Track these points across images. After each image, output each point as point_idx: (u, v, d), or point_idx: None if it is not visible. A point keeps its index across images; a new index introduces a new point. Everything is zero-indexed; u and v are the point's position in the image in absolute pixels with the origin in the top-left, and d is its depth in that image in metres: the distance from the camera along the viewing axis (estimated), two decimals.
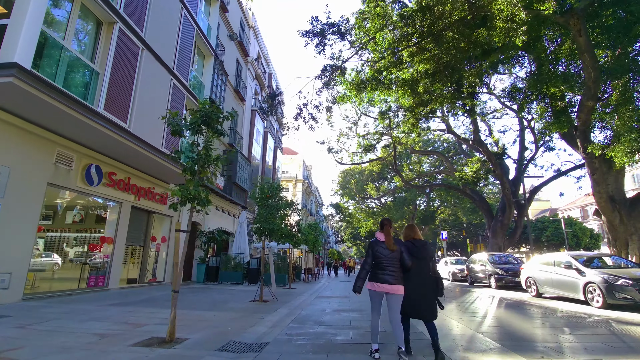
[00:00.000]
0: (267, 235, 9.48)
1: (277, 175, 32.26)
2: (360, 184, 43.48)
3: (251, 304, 8.56)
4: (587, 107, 10.44)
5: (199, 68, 14.42)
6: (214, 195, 17.19)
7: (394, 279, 3.76)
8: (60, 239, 10.83)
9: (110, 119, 8.04)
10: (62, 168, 8.37)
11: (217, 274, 15.30)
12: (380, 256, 3.85)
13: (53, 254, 10.54)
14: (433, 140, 37.54)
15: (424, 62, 10.43)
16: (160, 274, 13.07)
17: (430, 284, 3.88)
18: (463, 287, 14.66)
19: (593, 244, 41.94)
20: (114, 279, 10.25)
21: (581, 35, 8.95)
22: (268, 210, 9.53)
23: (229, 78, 19.98)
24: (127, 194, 10.70)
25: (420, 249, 3.96)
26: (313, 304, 8.91)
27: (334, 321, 6.34)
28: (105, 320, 5.73)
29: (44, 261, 10.19)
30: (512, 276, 12.61)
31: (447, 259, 21.23)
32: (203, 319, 6.13)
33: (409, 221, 47.32)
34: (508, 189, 24.12)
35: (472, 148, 30.83)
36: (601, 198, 12.35)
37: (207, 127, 5.23)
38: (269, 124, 29.55)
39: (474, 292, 12.50)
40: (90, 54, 8.20)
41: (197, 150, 5.06)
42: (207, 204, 5.13)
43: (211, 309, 7.35)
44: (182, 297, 9.42)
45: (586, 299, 8.29)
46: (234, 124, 20.96)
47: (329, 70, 11.57)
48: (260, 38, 27.27)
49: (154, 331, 4.99)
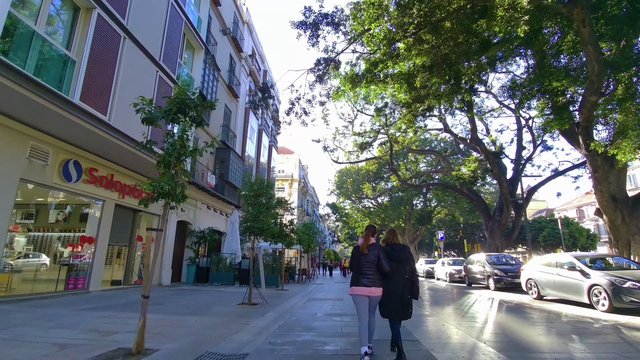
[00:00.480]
0: (257, 234, 9.01)
1: (273, 175, 31.77)
2: (356, 184, 43.08)
3: (239, 307, 8.09)
4: (590, 102, 10.05)
5: (188, 62, 13.92)
6: (205, 194, 16.70)
7: (371, 282, 3.90)
8: (41, 238, 10.29)
9: (87, 111, 7.54)
10: (37, 163, 7.85)
11: (207, 275, 14.81)
12: (359, 260, 4.04)
13: (41, 255, 9.99)
14: (430, 140, 37.24)
15: (421, 54, 10.00)
16: None
17: (407, 286, 4.00)
18: (461, 289, 14.27)
19: (589, 244, 42.02)
20: (95, 280, 9.73)
21: (585, 26, 8.55)
22: (258, 209, 9.06)
23: (222, 74, 19.49)
24: (111, 191, 10.19)
25: (398, 252, 4.09)
26: (304, 308, 8.45)
27: (324, 327, 5.89)
28: (74, 328, 5.24)
29: (29, 262, 9.64)
30: (511, 277, 12.22)
31: (445, 260, 20.85)
32: (182, 325, 5.65)
33: (405, 221, 47.04)
34: (506, 188, 23.79)
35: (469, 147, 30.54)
36: (603, 197, 11.99)
37: (184, 116, 4.76)
38: (264, 122, 29.06)
39: (472, 293, 12.10)
40: (67, 41, 7.68)
41: (172, 141, 4.58)
42: (183, 200, 4.67)
43: (194, 313, 6.87)
44: (166, 299, 8.92)
45: (591, 302, 7.89)
46: (227, 120, 20.47)
47: (322, 64, 11.12)
48: (255, 34, 26.76)
49: (123, 341, 4.52)
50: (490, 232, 24.98)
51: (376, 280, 3.92)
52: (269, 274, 14.54)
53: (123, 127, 8.72)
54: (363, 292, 3.91)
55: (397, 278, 3.98)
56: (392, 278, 3.98)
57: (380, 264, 3.92)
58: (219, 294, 10.88)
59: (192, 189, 15.33)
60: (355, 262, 4.09)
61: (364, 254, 4.01)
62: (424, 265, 24.73)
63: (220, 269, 14.71)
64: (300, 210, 48.00)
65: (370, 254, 3.98)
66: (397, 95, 11.22)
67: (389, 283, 3.98)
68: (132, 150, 9.43)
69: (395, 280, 3.97)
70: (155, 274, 12.84)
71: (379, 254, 3.97)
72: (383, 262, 3.92)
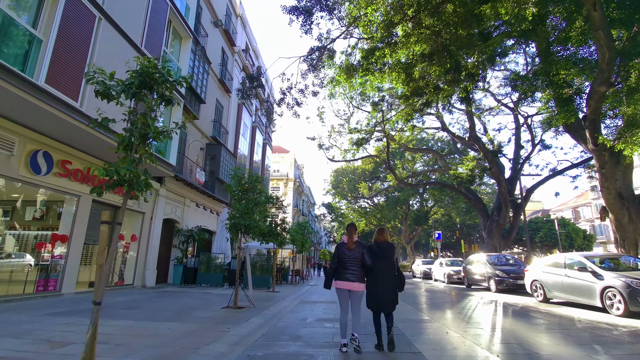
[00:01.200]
0: (244, 232, 8.34)
1: (267, 173, 31.05)
2: (352, 183, 42.45)
3: (223, 311, 7.41)
4: (598, 93, 9.50)
5: (175, 51, 13.20)
6: (194, 191, 15.98)
7: (355, 277, 4.16)
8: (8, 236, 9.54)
9: (54, 95, 6.83)
10: (1, 153, 7.13)
11: (195, 276, 14.10)
12: (343, 256, 4.28)
13: (25, 255, 9.23)
14: (427, 139, 36.78)
15: (421, 41, 9.39)
16: (129, 276, 11.81)
17: (394, 281, 4.25)
18: (460, 290, 13.67)
19: (586, 245, 42.08)
20: (68, 282, 9.00)
21: (596, 10, 7.98)
22: (245, 205, 8.38)
23: (214, 68, 18.79)
24: (87, 186, 9.46)
25: (384, 250, 4.33)
26: (294, 312, 7.79)
27: (313, 335, 5.24)
28: (25, 337, 4.54)
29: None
30: (513, 279, 11.63)
31: (442, 260, 20.25)
32: (152, 334, 4.97)
33: (402, 222, 46.53)
34: (504, 187, 23.30)
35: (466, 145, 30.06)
36: (609, 194, 11.46)
37: (150, 91, 4.09)
38: (258, 119, 28.36)
39: (472, 295, 11.51)
40: (32, 18, 6.97)
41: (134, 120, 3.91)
42: (147, 189, 3.99)
43: (171, 319, 6.19)
44: (144, 303, 8.22)
45: (604, 306, 7.30)
46: (219, 116, 19.77)
47: (316, 52, 10.47)
48: (249, 29, 26.08)
49: (75, 354, 3.83)
50: (488, 232, 24.48)
51: (359, 276, 4.20)
52: (260, 275, 13.86)
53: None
54: (346, 286, 4.20)
55: (385, 274, 4.23)
56: (380, 274, 4.22)
57: (364, 259, 4.21)
58: (205, 297, 10.19)
59: (179, 185, 14.63)
60: (339, 259, 4.33)
61: (350, 249, 4.28)
62: (421, 266, 24.14)
63: (209, 270, 14.00)
64: (296, 210, 47.31)
65: (355, 251, 4.26)
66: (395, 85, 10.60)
67: (376, 279, 4.23)
68: (111, 141, 8.73)
69: (383, 276, 4.22)
70: (139, 275, 12.12)
71: (362, 251, 4.27)
72: (366, 257, 4.22)
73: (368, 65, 9.58)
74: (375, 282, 4.23)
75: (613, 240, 13.00)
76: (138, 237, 12.23)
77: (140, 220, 12.37)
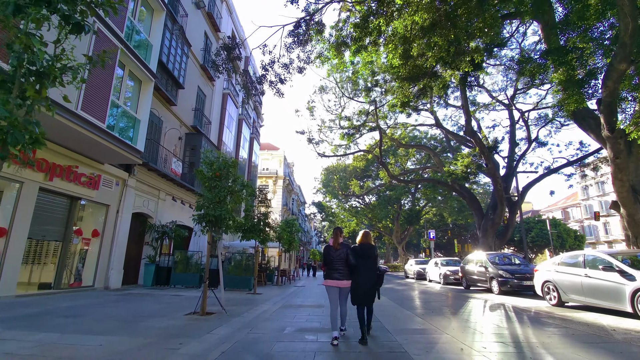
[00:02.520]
0: (213, 225, 7.07)
1: (254, 169, 29.68)
2: (343, 181, 41.30)
3: (185, 319, 6.14)
4: (618, 72, 8.48)
5: (146, 25, 11.82)
6: (170, 183, 14.60)
7: (341, 275, 4.70)
8: None
9: None
10: None
11: (169, 276, 12.73)
12: (330, 257, 4.79)
13: None
14: (419, 137, 35.90)
15: (421, 10, 8.26)
16: (89, 277, 10.40)
17: (374, 278, 4.81)
18: (459, 292, 12.57)
19: (577, 245, 42.30)
20: (7, 283, 7.59)
21: None
22: (217, 193, 7.12)
23: (196, 53, 17.44)
24: (32, 171, 8.07)
25: (366, 250, 4.85)
26: (272, 319, 6.54)
27: (289, 354, 4.01)
28: None
29: None
30: (518, 279, 10.57)
31: (438, 260, 19.19)
32: (69, 356, 3.69)
33: (393, 221, 45.62)
34: (500, 184, 22.42)
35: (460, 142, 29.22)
36: (622, 187, 10.48)
37: (48, 8, 2.80)
38: (245, 112, 26.99)
39: (474, 298, 10.41)
40: None
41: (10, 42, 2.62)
42: (34, 146, 2.71)
43: (112, 331, 4.90)
44: (93, 309, 6.87)
45: (635, 311, 6.23)
46: (200, 105, 18.40)
47: (302, 25, 9.25)
48: (236, 16, 24.72)
49: None
50: (484, 231, 23.58)
51: (345, 274, 4.71)
52: (240, 275, 12.57)
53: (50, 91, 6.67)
54: (334, 284, 4.70)
55: (365, 272, 4.74)
56: (361, 272, 4.73)
57: (348, 259, 4.70)
58: (173, 300, 8.87)
59: (152, 176, 13.25)
60: (327, 259, 4.83)
61: (336, 249, 4.76)
62: (414, 266, 23.09)
63: (185, 269, 12.64)
64: (285, 209, 45.98)
65: (340, 251, 4.74)
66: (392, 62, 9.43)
67: (358, 277, 4.73)
68: (66, 121, 7.38)
69: (363, 274, 4.73)
70: (101, 276, 10.72)
71: (347, 251, 4.75)
72: (350, 257, 4.71)
73: (361, 36, 8.39)
74: (357, 278, 4.71)
75: (624, 237, 12.07)
76: (101, 233, 10.83)
77: (104, 213, 10.97)
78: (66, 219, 9.53)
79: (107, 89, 8.80)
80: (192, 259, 13.05)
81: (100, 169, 10.39)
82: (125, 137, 9.96)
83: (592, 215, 55.58)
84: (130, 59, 9.97)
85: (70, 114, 7.51)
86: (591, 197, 56.91)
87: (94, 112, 8.26)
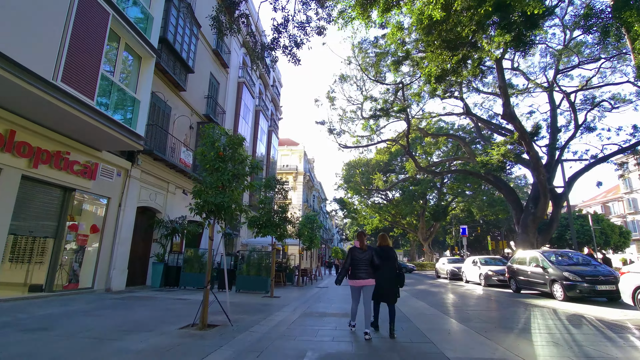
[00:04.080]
0: (214, 215, 5.67)
1: (274, 164, 28.43)
2: (366, 176, 39.41)
3: (177, 334, 4.78)
4: None
5: None
6: (180, 175, 13.43)
7: (366, 274, 5.11)
8: None
9: None
10: None
11: (178, 277, 11.56)
12: (356, 259, 5.21)
13: None
14: (446, 129, 33.59)
15: None
16: (87, 278, 9.30)
17: (394, 277, 5.32)
18: (510, 297, 10.68)
19: (622, 242, 38.64)
20: None
21: None
22: (219, 176, 5.72)
23: (208, 38, 16.22)
24: (11, 156, 6.95)
25: (387, 252, 5.43)
26: (289, 336, 5.06)
27: None
28: None
29: None
30: (590, 283, 8.62)
31: (476, 259, 17.18)
32: None
33: (418, 217, 43.42)
34: (543, 174, 20.13)
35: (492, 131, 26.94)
36: None
37: None
38: (262, 103, 25.74)
39: (536, 306, 8.56)
40: None
41: None
42: None
43: (83, 352, 3.57)
44: (70, 319, 5.60)
45: None
46: (213, 92, 17.22)
47: None
48: (251, 2, 23.45)
49: None
50: (523, 226, 21.26)
51: (370, 274, 5.13)
52: (255, 275, 11.21)
53: (11, 51, 5.49)
54: (359, 284, 5.12)
55: (386, 272, 5.26)
56: (383, 272, 5.23)
57: (372, 260, 5.16)
58: (175, 306, 7.60)
59: (160, 167, 12.10)
60: (352, 261, 5.23)
61: (363, 251, 5.23)
62: (447, 265, 21.12)
63: (194, 269, 11.41)
64: (306, 206, 44.67)
65: (366, 253, 5.21)
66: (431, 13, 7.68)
67: (380, 276, 5.20)
68: (36, 92, 6.18)
69: (384, 273, 5.24)
70: (102, 276, 9.61)
71: (372, 253, 5.22)
72: (375, 258, 5.19)
73: None
74: (379, 278, 5.17)
75: None
76: (101, 229, 9.72)
77: (104, 207, 9.87)
78: (58, 212, 8.42)
79: (97, 60, 7.57)
80: (204, 258, 11.80)
81: (97, 156, 9.25)
82: (122, 118, 8.77)
83: (636, 210, 51.20)
84: (126, 30, 8.74)
85: (47, 86, 6.30)
86: (635, 190, 52.35)
87: (79, 85, 7.04)
